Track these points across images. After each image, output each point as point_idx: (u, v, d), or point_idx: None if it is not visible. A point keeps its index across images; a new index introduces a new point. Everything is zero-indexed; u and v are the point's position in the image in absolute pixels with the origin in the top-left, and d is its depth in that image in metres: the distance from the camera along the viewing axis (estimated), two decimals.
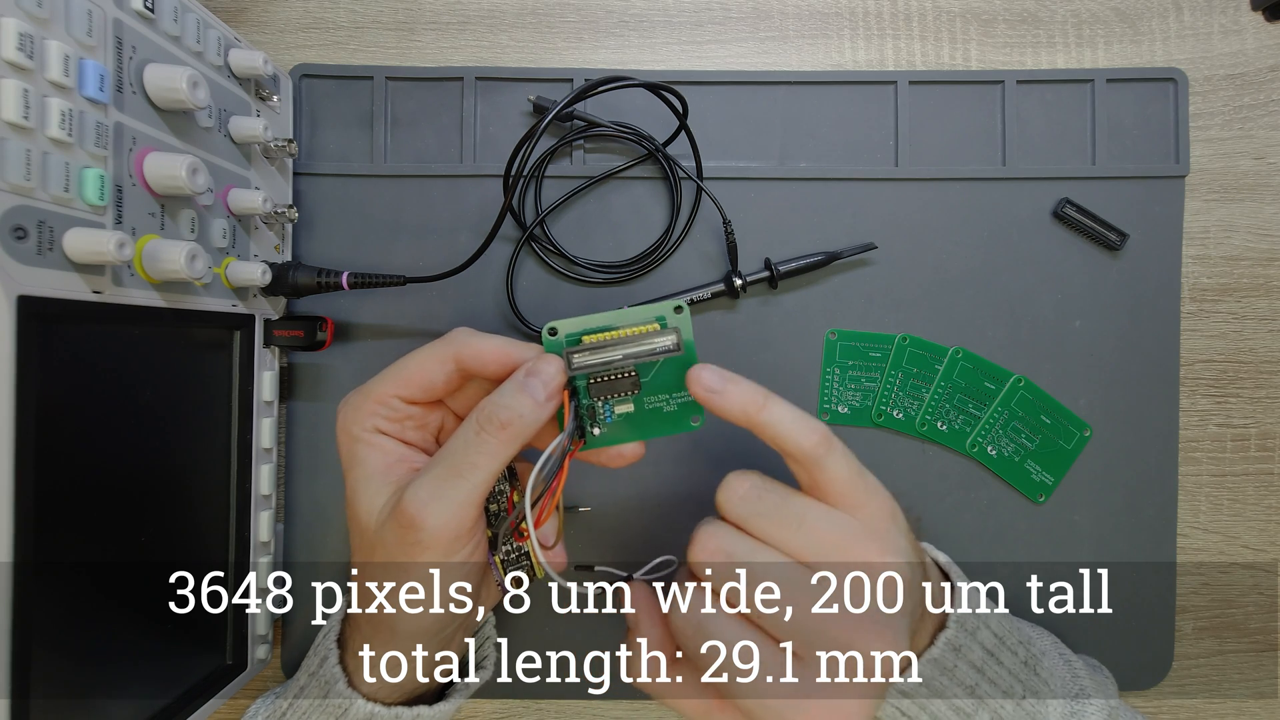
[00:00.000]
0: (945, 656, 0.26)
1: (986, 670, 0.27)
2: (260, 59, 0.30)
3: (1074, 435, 0.36)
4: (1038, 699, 0.29)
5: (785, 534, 0.24)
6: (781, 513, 0.24)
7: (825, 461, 0.24)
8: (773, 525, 0.24)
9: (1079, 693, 0.30)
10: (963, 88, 0.36)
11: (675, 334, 0.25)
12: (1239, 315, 0.37)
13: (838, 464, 0.25)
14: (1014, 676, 0.28)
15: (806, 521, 0.24)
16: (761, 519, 0.24)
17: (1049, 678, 0.29)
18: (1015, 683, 0.28)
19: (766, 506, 0.24)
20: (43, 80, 0.21)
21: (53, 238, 0.22)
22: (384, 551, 0.25)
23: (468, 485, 0.24)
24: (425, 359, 0.27)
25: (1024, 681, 0.28)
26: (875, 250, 0.36)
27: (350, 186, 0.36)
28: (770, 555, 0.24)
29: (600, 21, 0.37)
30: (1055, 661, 0.31)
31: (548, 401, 0.24)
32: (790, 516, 0.24)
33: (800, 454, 0.24)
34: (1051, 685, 0.29)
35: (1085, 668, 0.32)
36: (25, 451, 0.21)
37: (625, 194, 0.36)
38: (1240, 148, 0.37)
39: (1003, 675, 0.28)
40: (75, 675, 0.24)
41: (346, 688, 0.27)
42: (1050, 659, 0.31)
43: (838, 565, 0.24)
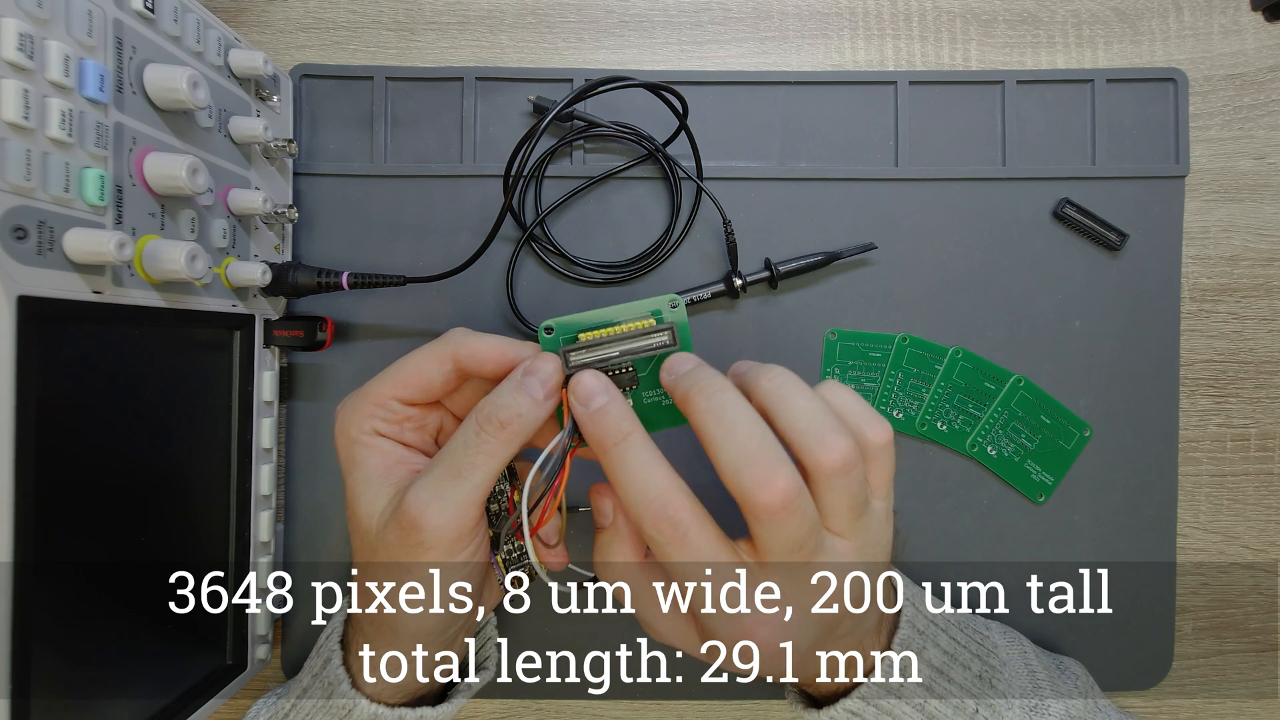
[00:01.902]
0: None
1: (935, 687, 0.28)
2: (260, 59, 0.30)
3: (1074, 435, 0.36)
4: (992, 711, 0.29)
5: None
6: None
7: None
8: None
9: (1038, 705, 0.31)
10: (963, 88, 0.36)
11: (671, 329, 0.25)
12: (1239, 315, 0.37)
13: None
14: (965, 690, 0.29)
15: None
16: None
17: (1007, 688, 0.30)
18: (965, 697, 0.29)
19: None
20: (43, 80, 0.21)
21: (53, 238, 0.22)
22: (386, 553, 0.25)
23: (468, 485, 0.24)
24: (422, 360, 0.27)
25: (976, 695, 0.29)
26: (875, 250, 0.36)
27: (350, 186, 0.36)
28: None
29: (600, 21, 0.37)
30: (1018, 670, 0.31)
31: (546, 400, 0.24)
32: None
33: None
34: (1009, 696, 0.30)
35: (1051, 674, 0.32)
36: (25, 451, 0.21)
37: (625, 194, 0.36)
38: (1240, 148, 0.37)
39: (953, 690, 0.28)
40: (75, 675, 0.24)
41: (350, 689, 0.27)
42: (1012, 669, 0.31)
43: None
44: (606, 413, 0.23)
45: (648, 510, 0.23)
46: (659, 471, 0.23)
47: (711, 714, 0.37)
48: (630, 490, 0.23)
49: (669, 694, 0.36)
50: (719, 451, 0.22)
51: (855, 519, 0.24)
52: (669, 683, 0.36)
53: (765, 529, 0.22)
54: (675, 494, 0.23)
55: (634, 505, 0.23)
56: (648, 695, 0.36)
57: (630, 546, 0.26)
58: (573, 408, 0.24)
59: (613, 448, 0.23)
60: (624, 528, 0.26)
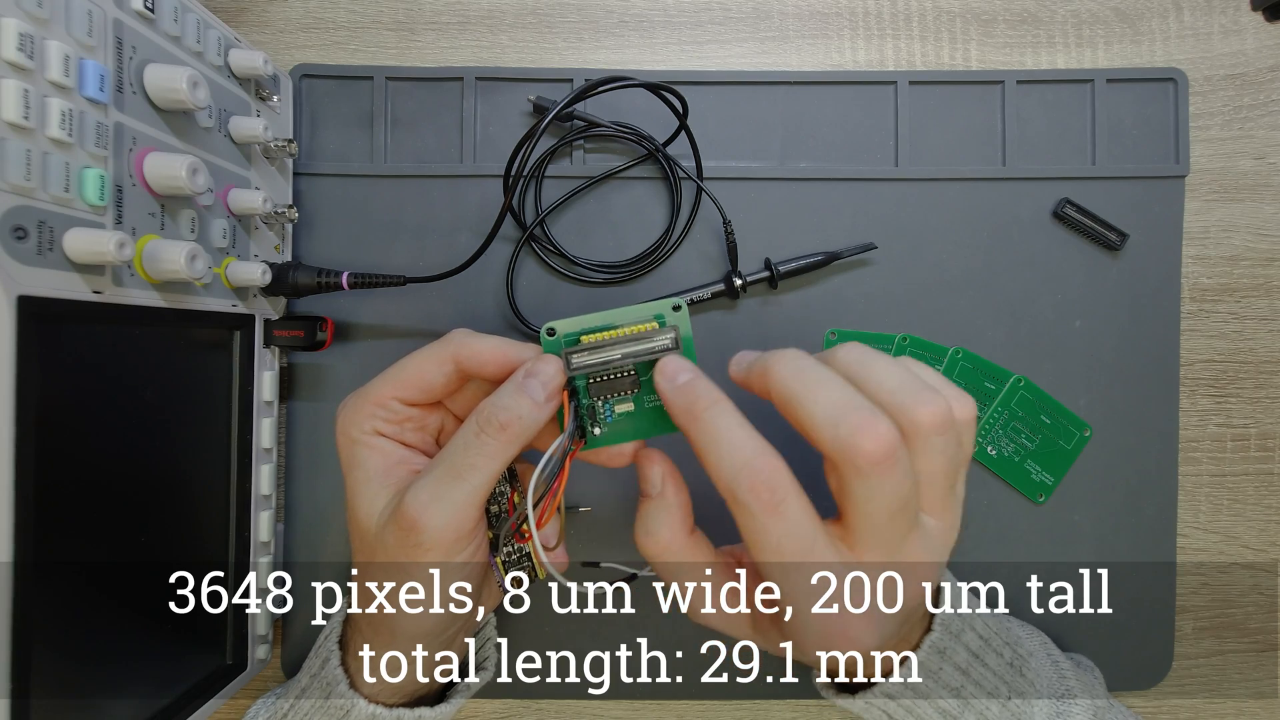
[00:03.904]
0: (930, 660, 0.26)
1: (971, 672, 0.27)
2: (260, 59, 0.30)
3: (1074, 435, 0.36)
4: (1023, 700, 0.29)
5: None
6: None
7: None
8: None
9: (1065, 693, 0.30)
10: (963, 88, 0.36)
11: (674, 332, 0.25)
12: (1239, 315, 0.37)
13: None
14: (999, 678, 0.28)
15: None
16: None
17: (1035, 679, 0.29)
18: (1000, 684, 0.28)
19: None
20: (43, 80, 0.21)
21: (53, 238, 0.22)
22: (385, 553, 0.25)
23: (468, 487, 0.24)
24: (424, 360, 0.27)
25: (1009, 683, 0.28)
26: (875, 250, 0.36)
27: (350, 186, 0.36)
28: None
29: (600, 21, 0.37)
30: (1043, 662, 0.31)
31: (547, 402, 0.24)
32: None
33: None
34: (1037, 686, 0.29)
35: (1073, 668, 0.32)
36: (25, 451, 0.20)
37: (625, 194, 0.36)
38: (1240, 148, 0.37)
39: (988, 677, 0.28)
40: (75, 675, 0.24)
41: (349, 689, 0.27)
42: (1038, 659, 0.31)
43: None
44: (696, 383, 0.23)
45: (743, 472, 0.21)
46: (753, 436, 0.22)
47: (711, 714, 0.37)
48: (725, 451, 0.21)
49: (669, 694, 0.36)
50: (811, 409, 0.21)
51: (947, 493, 0.23)
52: (669, 683, 0.36)
53: (868, 485, 0.21)
54: (772, 458, 0.21)
55: (727, 467, 0.21)
56: (648, 695, 0.36)
57: (680, 519, 0.24)
58: (659, 384, 0.24)
59: (704, 411, 0.22)
60: (674, 499, 0.24)
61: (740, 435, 0.22)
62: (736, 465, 0.21)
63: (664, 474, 0.24)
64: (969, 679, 0.27)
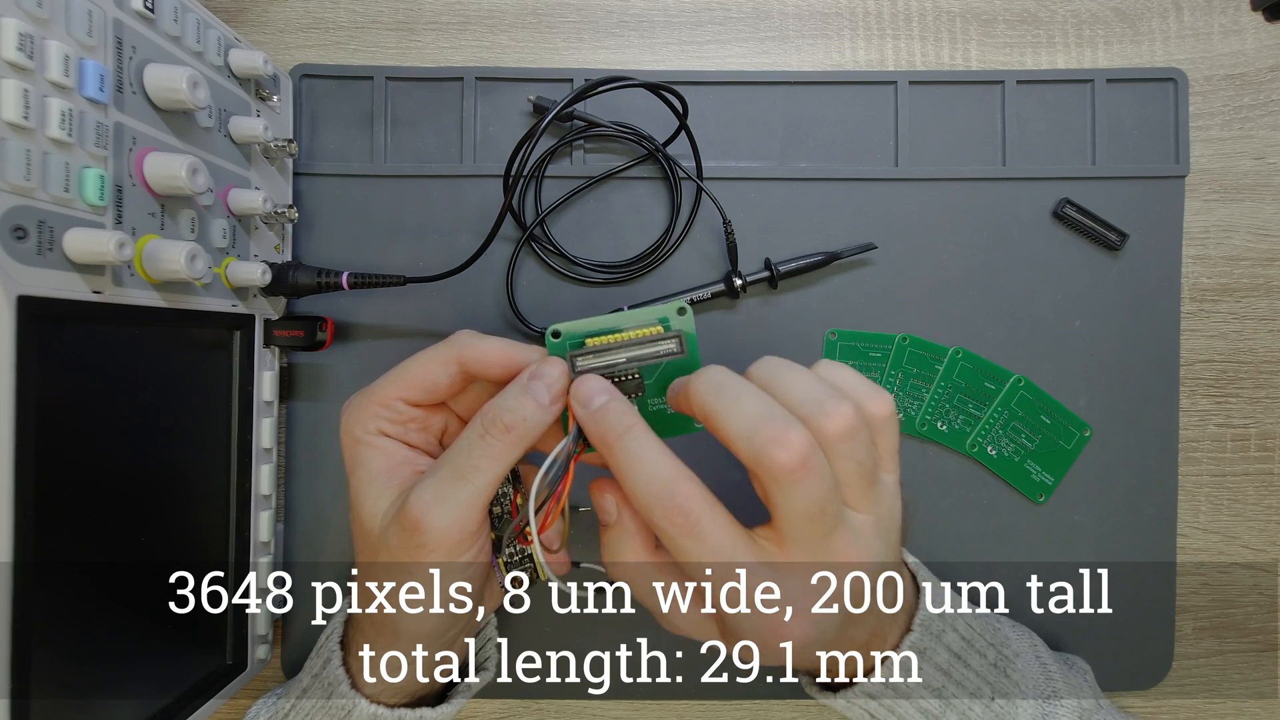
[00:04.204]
0: (907, 661, 0.26)
1: (953, 672, 0.27)
2: (260, 59, 0.30)
3: (1074, 435, 0.36)
4: (1007, 700, 0.29)
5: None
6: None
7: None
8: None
9: (1051, 694, 0.30)
10: (963, 88, 0.36)
11: (678, 336, 0.25)
12: (1239, 315, 0.37)
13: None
14: (982, 678, 0.28)
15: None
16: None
17: (1020, 679, 0.29)
18: (984, 684, 0.28)
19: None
20: (43, 80, 0.21)
21: (53, 238, 0.22)
22: (388, 554, 0.25)
23: (471, 488, 0.24)
24: (428, 361, 0.26)
25: (993, 683, 0.28)
26: (875, 250, 0.36)
27: (350, 186, 0.36)
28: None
29: (600, 21, 0.37)
30: (1030, 663, 0.31)
31: (552, 405, 0.24)
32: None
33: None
34: (1022, 687, 0.29)
35: (1061, 669, 0.32)
36: (25, 451, 0.20)
37: (625, 194, 0.36)
38: (1240, 148, 0.37)
39: (970, 677, 0.28)
40: (75, 675, 0.24)
41: (350, 689, 0.27)
42: (1024, 660, 0.31)
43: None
44: (608, 410, 0.23)
45: (656, 501, 0.22)
46: (664, 461, 0.22)
47: (711, 714, 0.37)
48: (637, 482, 0.22)
49: (669, 694, 0.36)
50: (728, 423, 0.22)
51: (868, 489, 0.23)
52: (669, 683, 0.36)
53: (785, 492, 0.21)
54: (683, 482, 0.22)
55: (641, 497, 0.22)
56: (648, 695, 0.36)
57: (640, 542, 0.25)
58: (574, 410, 0.24)
59: (615, 441, 0.23)
60: (630, 523, 0.25)
61: (651, 462, 0.22)
62: (651, 495, 0.22)
63: (616, 501, 0.25)
64: (950, 679, 0.27)
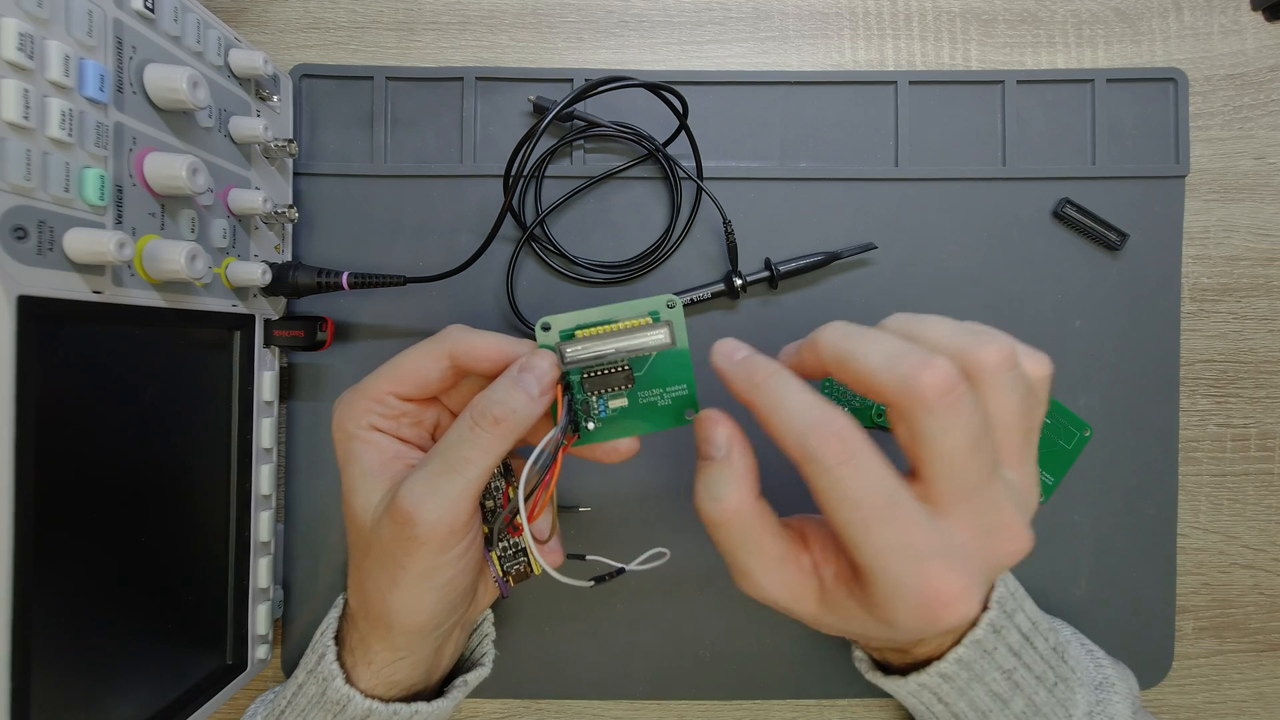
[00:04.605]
0: (986, 638, 0.26)
1: (1023, 655, 0.27)
2: (260, 59, 0.30)
3: (1074, 435, 0.36)
4: (1066, 686, 0.28)
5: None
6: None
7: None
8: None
9: (1103, 682, 0.30)
10: (963, 88, 0.36)
11: (668, 328, 0.25)
12: (1239, 315, 0.37)
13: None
14: (1046, 663, 0.28)
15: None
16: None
17: (1075, 665, 0.29)
18: (1047, 669, 0.27)
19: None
20: (43, 80, 0.21)
21: (53, 238, 0.22)
22: (380, 547, 0.25)
23: (462, 480, 0.24)
24: (420, 356, 0.27)
25: (1054, 668, 0.28)
26: (875, 250, 0.36)
27: (350, 186, 0.36)
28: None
29: (600, 21, 0.37)
30: (1078, 650, 0.31)
31: (541, 396, 0.24)
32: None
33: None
34: (1078, 673, 0.29)
35: (1106, 657, 0.32)
36: (25, 451, 0.20)
37: (625, 194, 0.36)
38: (1240, 148, 0.37)
39: (1036, 660, 0.27)
40: (75, 675, 0.24)
41: (344, 684, 0.27)
42: (1074, 648, 0.30)
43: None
44: (754, 358, 0.23)
45: (813, 427, 0.20)
46: (819, 398, 0.21)
47: (711, 714, 0.37)
48: (792, 411, 0.21)
49: (669, 694, 0.36)
50: (866, 361, 0.21)
51: (1025, 442, 0.22)
52: (669, 683, 0.36)
53: (938, 421, 0.20)
54: (841, 414, 0.21)
55: (796, 422, 0.21)
56: (648, 695, 0.36)
57: (747, 485, 0.23)
58: (716, 365, 0.23)
59: (765, 380, 0.22)
60: (740, 462, 0.23)
61: (805, 397, 0.21)
62: (806, 423, 0.20)
63: (729, 436, 0.23)
64: (1020, 661, 0.27)
